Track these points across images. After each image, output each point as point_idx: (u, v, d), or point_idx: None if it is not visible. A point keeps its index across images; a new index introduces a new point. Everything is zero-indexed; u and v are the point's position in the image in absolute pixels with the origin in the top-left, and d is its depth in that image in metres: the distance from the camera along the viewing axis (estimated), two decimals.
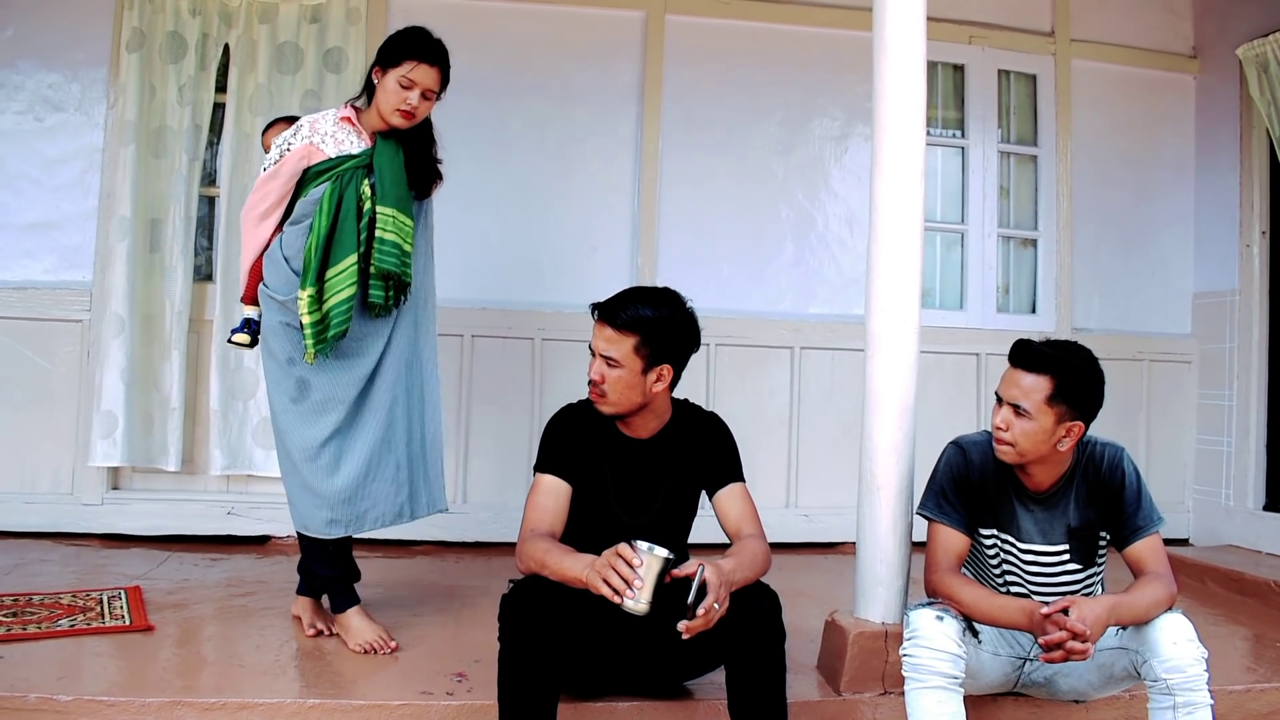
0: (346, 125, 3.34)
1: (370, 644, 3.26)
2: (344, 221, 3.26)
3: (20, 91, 4.82)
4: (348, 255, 3.24)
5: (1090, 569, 2.82)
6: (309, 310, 3.20)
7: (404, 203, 3.35)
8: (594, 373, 2.73)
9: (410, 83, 3.26)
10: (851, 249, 5.35)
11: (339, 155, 3.30)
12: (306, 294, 3.20)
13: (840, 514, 4.98)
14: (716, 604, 2.37)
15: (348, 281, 3.23)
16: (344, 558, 3.40)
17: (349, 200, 3.27)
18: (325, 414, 3.28)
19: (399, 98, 3.27)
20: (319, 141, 3.30)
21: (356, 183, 3.29)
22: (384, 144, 3.34)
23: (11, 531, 4.65)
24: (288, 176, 3.31)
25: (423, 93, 3.30)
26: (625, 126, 5.22)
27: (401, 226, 3.32)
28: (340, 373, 3.30)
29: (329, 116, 3.36)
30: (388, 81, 3.28)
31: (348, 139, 3.33)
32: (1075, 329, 5.48)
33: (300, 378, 3.28)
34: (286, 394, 3.30)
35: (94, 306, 4.75)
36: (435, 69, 3.31)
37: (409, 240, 3.36)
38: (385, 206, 3.29)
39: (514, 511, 2.96)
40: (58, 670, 2.92)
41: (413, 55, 3.27)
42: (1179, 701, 2.46)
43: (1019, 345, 2.72)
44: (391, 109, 3.28)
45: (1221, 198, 5.50)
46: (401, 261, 3.32)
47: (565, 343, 4.97)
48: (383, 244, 3.28)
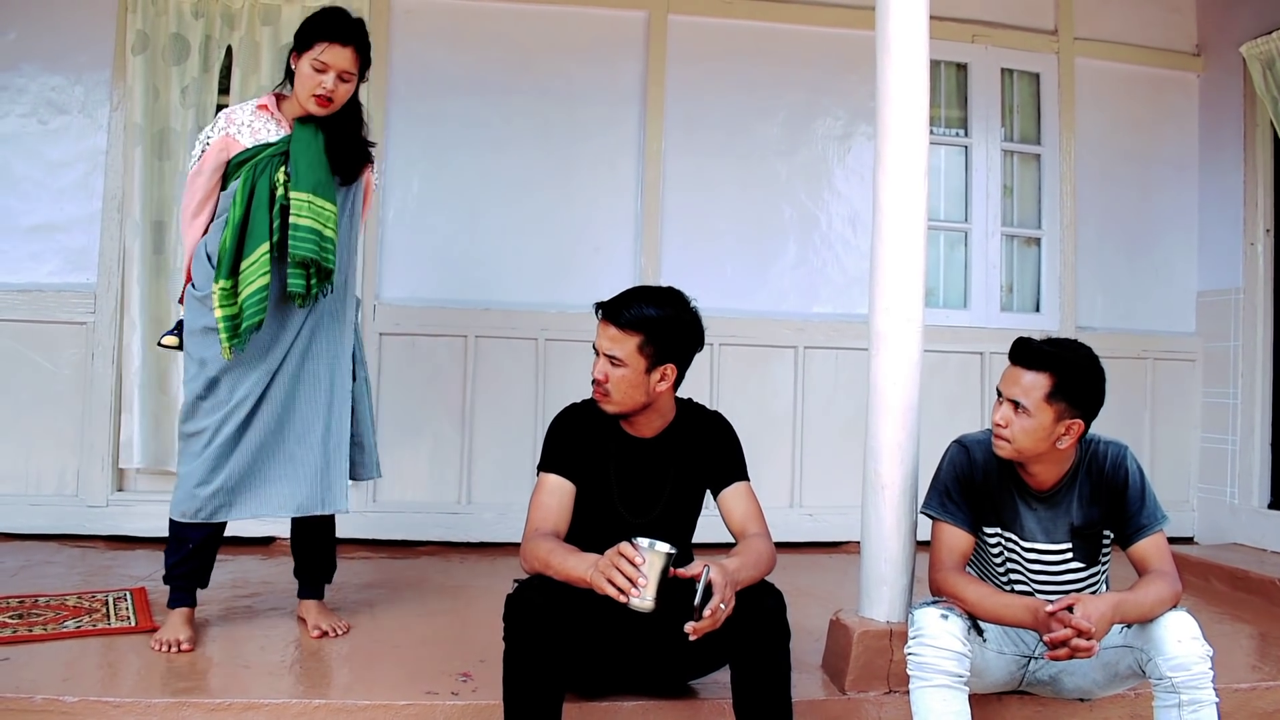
0: (264, 113, 3.27)
1: (168, 641, 3.17)
2: (256, 210, 3.17)
3: (24, 94, 4.82)
4: (260, 244, 3.16)
5: (1094, 567, 2.82)
6: (221, 303, 3.12)
7: (323, 187, 3.22)
8: (598, 372, 2.73)
9: (323, 65, 3.15)
10: (855, 248, 5.35)
11: (256, 145, 3.22)
12: (219, 286, 3.13)
13: (844, 513, 4.97)
14: (723, 604, 2.37)
15: (260, 271, 3.15)
16: (200, 554, 3.31)
17: (262, 189, 3.18)
18: (226, 410, 3.22)
19: (314, 82, 3.17)
20: (235, 133, 3.23)
21: (271, 170, 3.20)
22: (301, 129, 3.24)
23: (17, 533, 4.66)
24: (210, 171, 3.24)
25: (339, 75, 3.18)
26: (628, 126, 5.22)
27: (320, 211, 3.20)
28: (250, 366, 3.24)
29: (247, 106, 3.30)
30: (301, 66, 3.19)
31: (265, 128, 3.26)
32: (1079, 327, 5.48)
33: (211, 377, 3.23)
34: (195, 393, 3.25)
35: (98, 309, 4.76)
36: (349, 49, 3.18)
37: (330, 225, 3.23)
38: (300, 191, 3.18)
39: (518, 512, 2.96)
40: (64, 671, 2.92)
41: (323, 36, 3.15)
42: (1184, 699, 2.45)
43: (1019, 343, 2.73)
44: (307, 95, 3.19)
45: (1225, 195, 5.49)
46: (321, 247, 3.20)
47: (568, 343, 4.97)
48: (298, 229, 3.16)
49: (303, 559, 3.55)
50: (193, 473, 3.23)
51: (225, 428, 3.22)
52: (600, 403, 2.78)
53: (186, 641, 3.20)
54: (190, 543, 3.29)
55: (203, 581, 3.37)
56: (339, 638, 3.42)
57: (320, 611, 3.50)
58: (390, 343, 4.94)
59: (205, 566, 3.36)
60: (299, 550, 3.54)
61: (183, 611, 3.29)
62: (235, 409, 3.23)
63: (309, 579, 3.55)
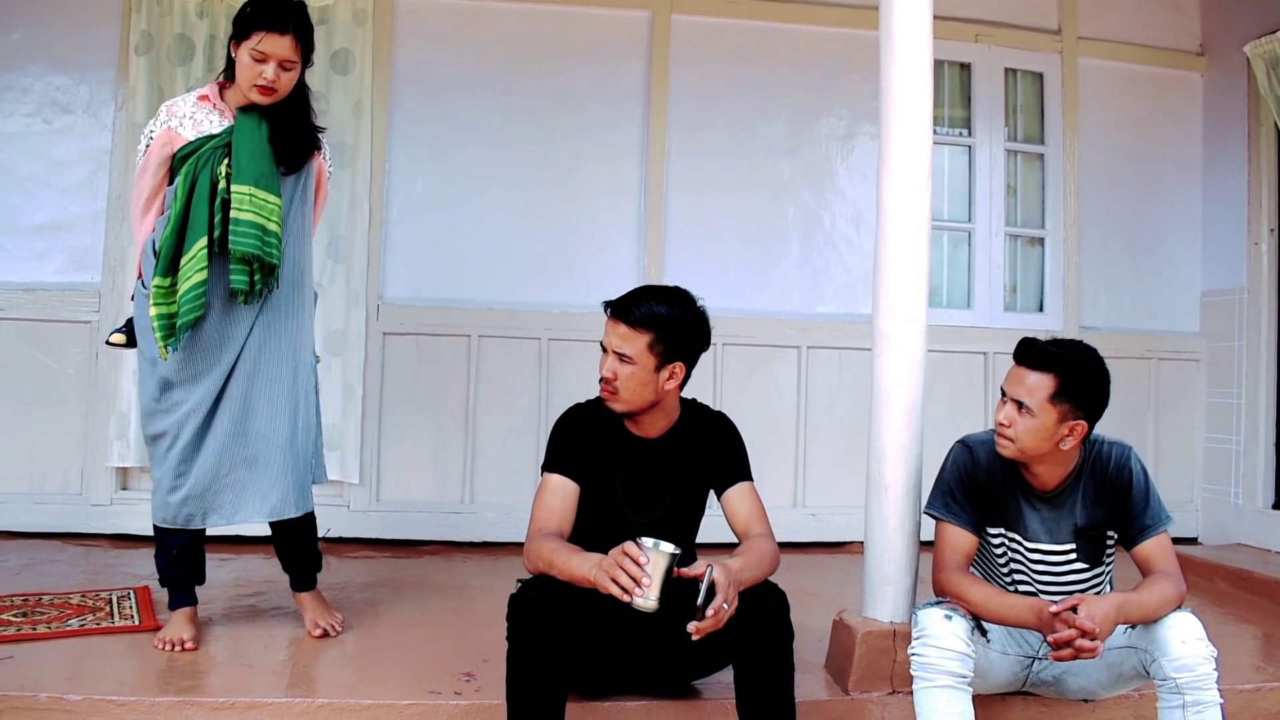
0: (205, 104, 3.17)
1: (171, 640, 3.18)
2: (196, 205, 3.07)
3: (29, 94, 4.83)
4: (199, 239, 3.04)
5: (1098, 568, 2.81)
6: (156, 301, 3.04)
7: (265, 179, 3.11)
8: (606, 370, 2.73)
9: (262, 55, 3.04)
10: (858, 248, 5.35)
11: (199, 137, 3.13)
12: (155, 285, 3.05)
13: (848, 513, 4.98)
14: (726, 604, 2.37)
15: (197, 266, 3.04)
16: (187, 558, 3.31)
17: (203, 182, 3.08)
18: (182, 413, 3.14)
19: (254, 72, 3.06)
20: (177, 125, 3.14)
21: (214, 163, 3.09)
22: (244, 119, 3.13)
23: (21, 532, 4.67)
24: (155, 166, 3.16)
25: (279, 64, 3.07)
26: (631, 126, 5.22)
27: (262, 205, 3.08)
28: (203, 369, 3.14)
29: (188, 99, 3.20)
30: (241, 55, 3.07)
31: (207, 119, 3.16)
32: (1083, 327, 5.47)
33: (163, 376, 3.15)
34: (150, 394, 3.19)
35: (103, 308, 4.77)
36: (287, 37, 3.06)
37: (274, 219, 3.11)
38: (241, 185, 3.06)
39: (521, 511, 2.97)
40: (67, 670, 2.93)
41: (260, 25, 3.03)
42: (1188, 700, 2.45)
43: (1024, 343, 2.73)
44: (249, 85, 3.09)
45: (1229, 195, 5.48)
46: (264, 242, 3.09)
47: (572, 343, 4.98)
48: (239, 224, 3.05)
49: (287, 557, 3.46)
50: (162, 479, 3.19)
51: (184, 432, 3.14)
52: (608, 401, 2.77)
53: (190, 640, 3.20)
54: (173, 548, 3.28)
55: (198, 579, 3.37)
56: (341, 635, 3.42)
57: (317, 605, 3.46)
58: (393, 342, 4.94)
59: (196, 566, 3.36)
60: (282, 550, 3.46)
61: (185, 611, 3.30)
62: (192, 412, 3.14)
63: (297, 574, 3.48)
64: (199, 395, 3.15)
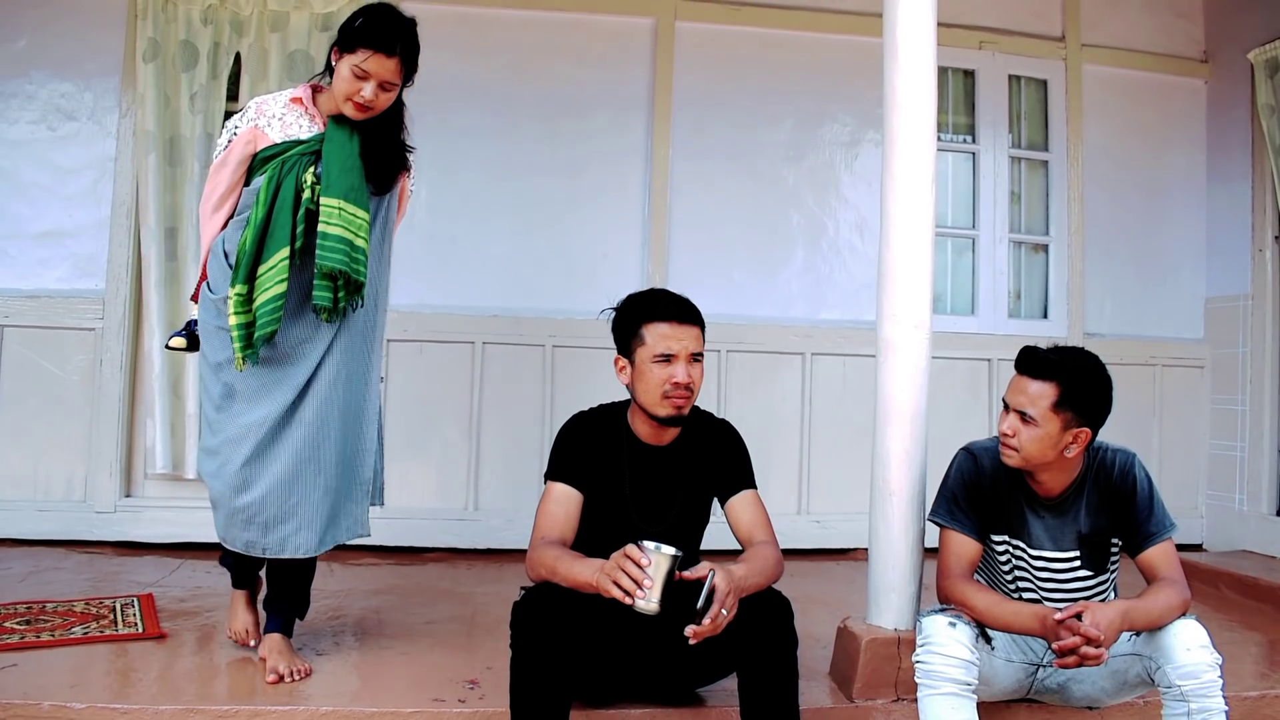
0: (297, 107, 3.04)
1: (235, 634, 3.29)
2: (279, 212, 2.94)
3: (33, 101, 4.84)
4: (280, 249, 2.92)
5: (1102, 575, 2.81)
6: (236, 310, 2.91)
7: (355, 194, 2.98)
8: (682, 375, 2.71)
9: (364, 73, 2.90)
10: (862, 255, 5.35)
11: (285, 140, 3.00)
12: (235, 292, 2.91)
13: (852, 520, 4.97)
14: (725, 610, 2.37)
15: (277, 278, 2.91)
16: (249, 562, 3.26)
17: (287, 189, 2.95)
18: (243, 425, 2.97)
19: (352, 88, 2.92)
20: (264, 125, 3.01)
21: (299, 170, 2.97)
22: (336, 129, 3.01)
23: (25, 539, 4.67)
24: (235, 164, 3.02)
25: (380, 84, 2.94)
26: (635, 133, 5.23)
27: (351, 220, 2.95)
28: (271, 382, 3.00)
29: (279, 98, 3.07)
30: (341, 68, 2.93)
31: (296, 122, 3.03)
32: (1087, 334, 5.47)
33: (227, 383, 3.00)
34: (211, 401, 3.05)
35: (107, 315, 4.77)
36: (394, 60, 2.92)
37: (362, 235, 2.98)
38: (330, 197, 2.94)
39: (525, 519, 2.96)
40: (71, 678, 2.93)
41: (367, 43, 2.89)
42: (1193, 708, 2.44)
43: (1025, 352, 2.72)
44: (344, 98, 2.95)
45: (1233, 202, 5.48)
46: (351, 258, 2.95)
47: (576, 349, 4.98)
48: (326, 238, 2.92)
49: (279, 589, 3.20)
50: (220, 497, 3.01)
51: (244, 445, 2.96)
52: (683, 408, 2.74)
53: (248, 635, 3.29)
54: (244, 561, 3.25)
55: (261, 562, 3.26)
56: (344, 644, 3.41)
57: (283, 650, 3.11)
58: (398, 349, 4.94)
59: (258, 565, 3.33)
60: (277, 580, 3.19)
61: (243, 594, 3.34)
62: (254, 427, 2.97)
63: (280, 610, 3.19)
64: (265, 410, 2.98)
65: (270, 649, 3.09)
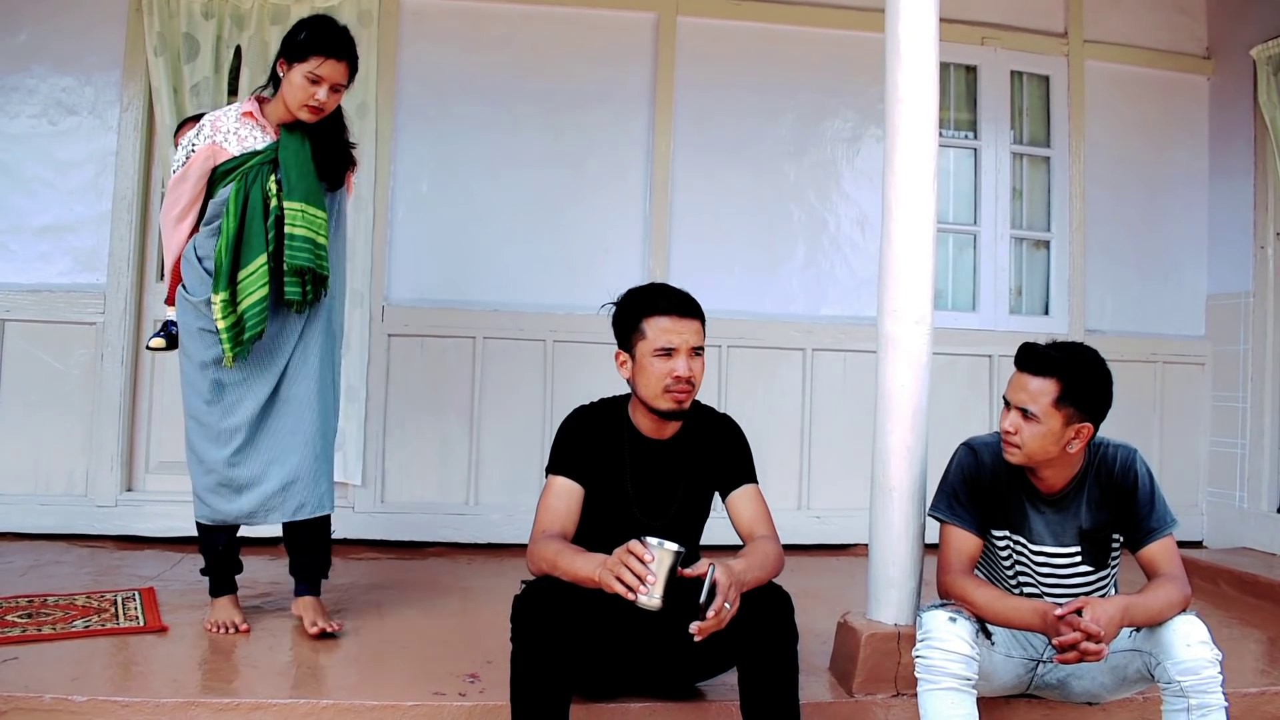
0: (249, 120, 3.31)
1: (222, 623, 3.37)
2: (251, 221, 3.23)
3: (34, 95, 4.85)
4: (257, 255, 3.22)
5: (1102, 571, 2.81)
6: (223, 314, 3.19)
7: (313, 195, 3.29)
8: (683, 369, 2.71)
9: (318, 78, 3.20)
10: (863, 250, 5.35)
11: (244, 152, 3.27)
12: (219, 298, 3.19)
13: (852, 515, 4.98)
14: (727, 604, 2.37)
15: (259, 282, 3.22)
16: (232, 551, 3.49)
17: (255, 198, 3.24)
18: (237, 414, 3.30)
19: (306, 93, 3.22)
20: (222, 140, 3.27)
21: (262, 179, 3.25)
22: (289, 136, 3.30)
23: (26, 533, 4.68)
24: (196, 178, 3.29)
25: (331, 87, 3.24)
26: (637, 128, 5.22)
27: (312, 220, 3.28)
28: (255, 374, 3.31)
29: (231, 113, 3.33)
30: (294, 76, 3.22)
31: (251, 135, 3.30)
32: (1088, 330, 5.47)
33: (216, 379, 3.29)
34: (200, 395, 3.31)
35: (108, 309, 4.78)
36: (343, 63, 3.24)
37: (322, 233, 3.31)
38: (293, 201, 3.25)
39: (525, 513, 2.97)
40: (73, 671, 2.93)
41: (320, 50, 3.19)
42: (1193, 704, 2.45)
43: (1024, 349, 2.72)
44: (299, 105, 3.24)
45: (1235, 199, 5.48)
46: (316, 255, 3.29)
47: (577, 344, 4.98)
48: (293, 239, 3.24)
49: (300, 556, 3.53)
50: (208, 479, 3.32)
51: (240, 432, 3.29)
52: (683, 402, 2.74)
53: (243, 623, 3.39)
54: (219, 544, 3.42)
55: (238, 569, 3.53)
56: (345, 638, 3.42)
57: (317, 607, 3.48)
58: (398, 344, 4.94)
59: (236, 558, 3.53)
60: (295, 547, 3.53)
61: (229, 597, 3.45)
62: (243, 414, 3.30)
63: (306, 575, 3.53)
64: (256, 398, 3.30)
65: (304, 608, 3.45)
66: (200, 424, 3.33)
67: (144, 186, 4.88)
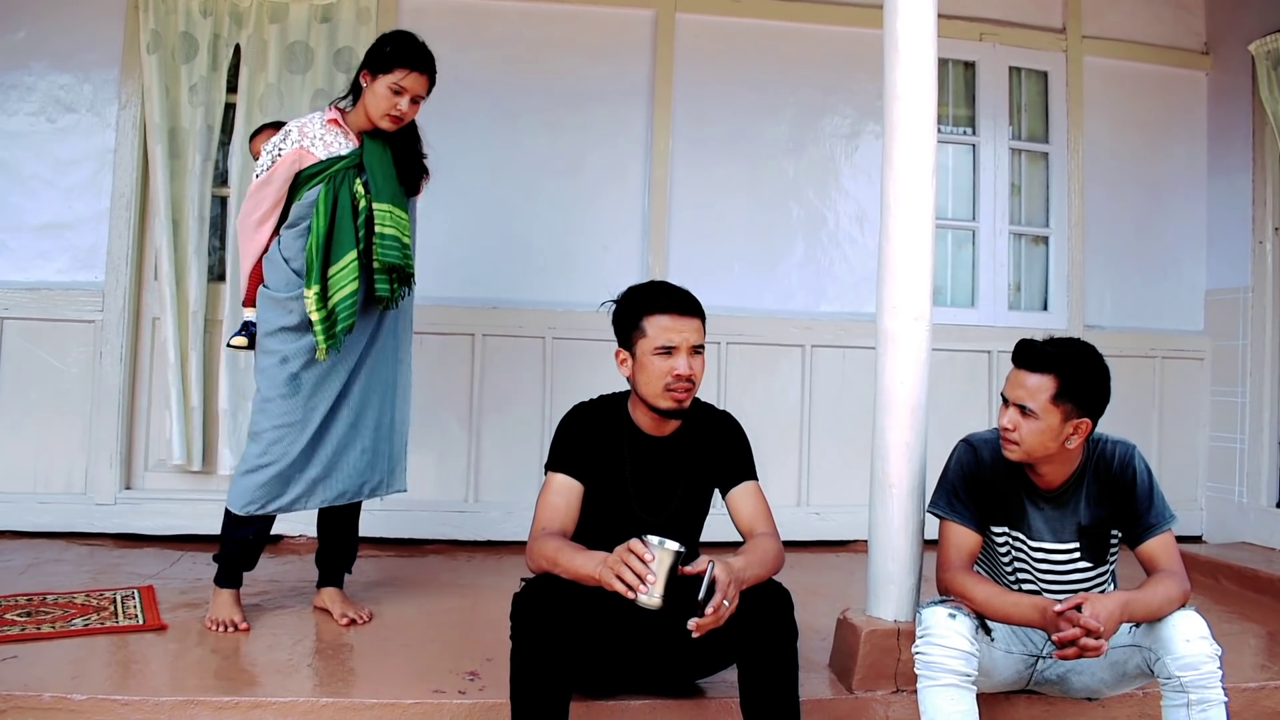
0: (334, 127, 3.45)
1: (222, 621, 3.40)
2: (341, 220, 3.37)
3: (33, 93, 4.84)
4: (347, 252, 3.36)
5: (1101, 566, 2.81)
6: (316, 307, 3.32)
7: (398, 198, 3.46)
8: (683, 368, 2.71)
9: (401, 89, 3.37)
10: (862, 247, 5.34)
11: (329, 157, 3.41)
12: (312, 292, 3.31)
13: (852, 512, 4.98)
14: (726, 601, 2.37)
15: (350, 277, 3.35)
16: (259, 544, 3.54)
17: (344, 200, 3.38)
18: (312, 407, 3.42)
19: (389, 103, 3.38)
20: (309, 145, 3.41)
21: (349, 182, 3.40)
22: (372, 144, 3.45)
23: (25, 531, 4.68)
24: (281, 182, 3.41)
25: (412, 98, 3.41)
26: (636, 125, 5.22)
27: (399, 220, 3.44)
28: (334, 367, 3.44)
29: (316, 120, 3.46)
30: (378, 87, 3.39)
31: (336, 141, 3.43)
32: (1087, 326, 5.47)
33: (293, 373, 3.40)
34: (277, 389, 3.40)
35: (106, 307, 4.77)
36: (425, 76, 3.41)
37: (407, 234, 3.49)
38: (381, 203, 3.41)
39: (525, 510, 2.97)
40: (72, 669, 2.93)
41: (405, 64, 3.37)
42: (1193, 699, 2.45)
43: (1022, 345, 2.72)
44: (381, 114, 3.40)
45: (1234, 194, 5.48)
46: (404, 254, 3.46)
47: (576, 341, 4.98)
48: (383, 238, 3.40)
49: (330, 545, 3.68)
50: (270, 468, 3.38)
51: (312, 421, 3.41)
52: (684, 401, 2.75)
53: (242, 622, 3.41)
54: (249, 533, 3.46)
55: (250, 565, 3.56)
56: (350, 632, 3.43)
57: (343, 599, 3.64)
58: None
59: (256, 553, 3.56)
60: (327, 536, 3.68)
61: (231, 593, 3.48)
62: (321, 404, 3.43)
63: (332, 566, 3.69)
64: (329, 389, 3.44)
65: (330, 600, 3.63)
66: (274, 417, 3.40)
67: (142, 184, 4.86)
